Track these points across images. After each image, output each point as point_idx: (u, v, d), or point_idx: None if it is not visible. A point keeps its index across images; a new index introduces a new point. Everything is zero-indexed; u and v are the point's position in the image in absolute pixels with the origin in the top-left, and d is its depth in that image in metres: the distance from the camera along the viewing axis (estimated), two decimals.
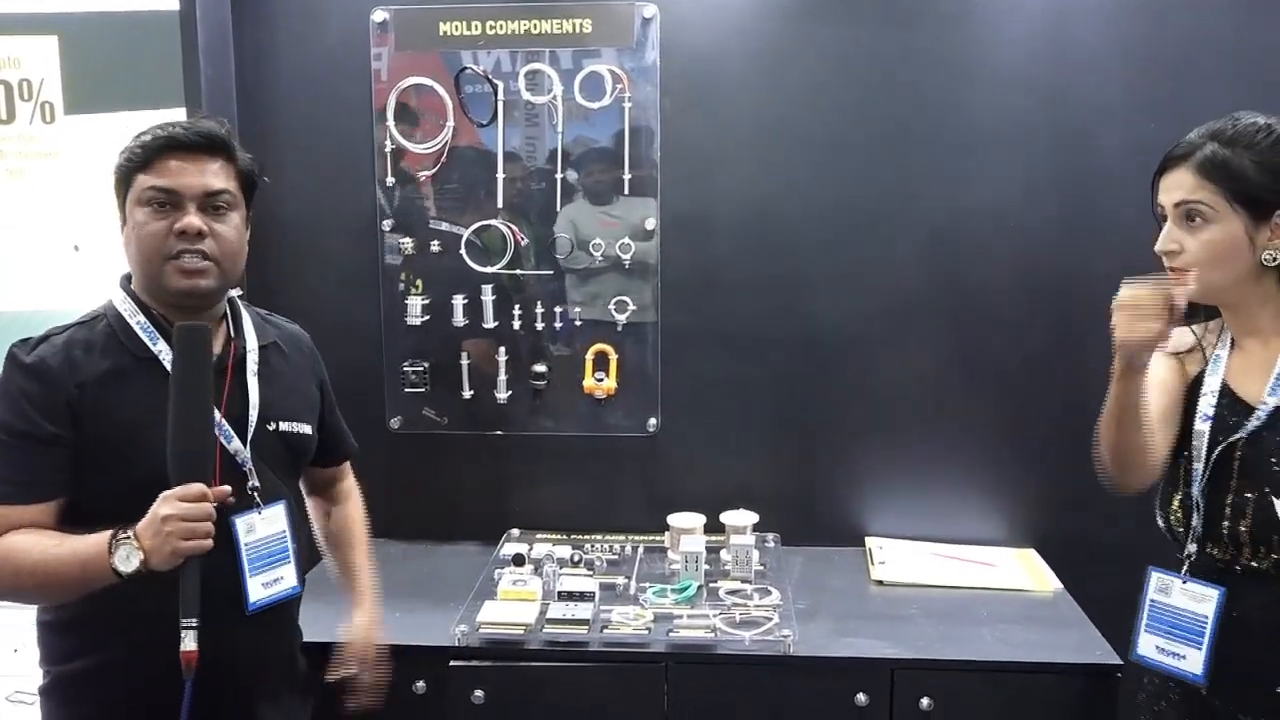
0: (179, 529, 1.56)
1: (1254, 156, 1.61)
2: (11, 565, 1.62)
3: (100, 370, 1.69)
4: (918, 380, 2.67)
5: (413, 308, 2.67)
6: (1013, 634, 2.22)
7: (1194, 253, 1.64)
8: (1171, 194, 1.66)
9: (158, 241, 1.68)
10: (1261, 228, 1.61)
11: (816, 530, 2.71)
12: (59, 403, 1.65)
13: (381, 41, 2.62)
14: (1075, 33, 2.53)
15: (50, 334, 1.73)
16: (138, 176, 1.69)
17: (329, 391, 2.07)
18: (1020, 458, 2.66)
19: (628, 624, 2.19)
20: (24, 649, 2.53)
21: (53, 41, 2.48)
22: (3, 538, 1.63)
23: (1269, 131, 1.62)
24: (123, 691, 1.72)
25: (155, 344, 1.72)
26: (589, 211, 2.66)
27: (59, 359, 1.68)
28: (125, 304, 1.75)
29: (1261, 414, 1.65)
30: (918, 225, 2.61)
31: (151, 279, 1.72)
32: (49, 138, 2.52)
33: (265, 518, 1.78)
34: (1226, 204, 1.61)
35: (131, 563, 1.57)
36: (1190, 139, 1.66)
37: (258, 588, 1.76)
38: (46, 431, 1.65)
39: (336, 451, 2.13)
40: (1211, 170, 1.62)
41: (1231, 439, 1.67)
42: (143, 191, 1.69)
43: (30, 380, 1.66)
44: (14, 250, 2.54)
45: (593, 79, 2.59)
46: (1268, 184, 1.60)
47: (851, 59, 2.58)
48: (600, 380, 2.69)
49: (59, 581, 1.62)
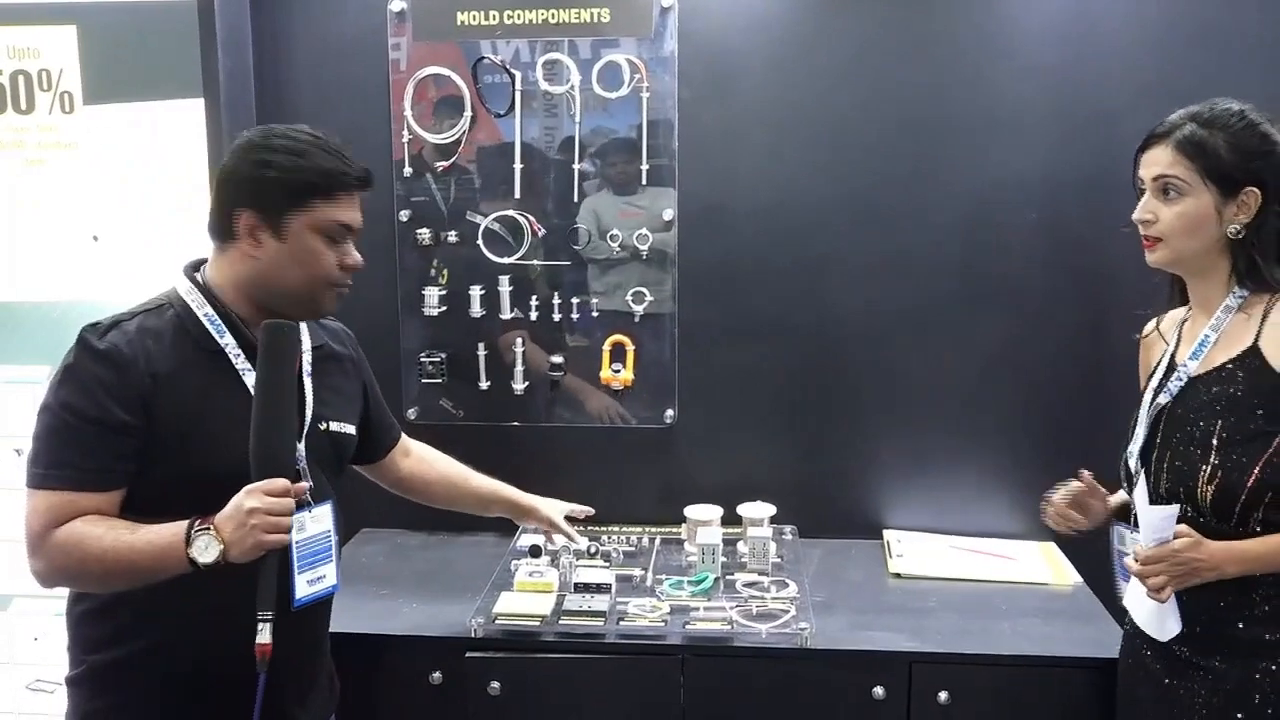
0: (264, 522, 1.57)
1: (1227, 137, 1.75)
2: (80, 551, 1.62)
3: (171, 361, 1.69)
4: (937, 371, 2.65)
5: (430, 298, 2.68)
6: (1032, 627, 2.21)
7: (1167, 223, 1.77)
8: (1150, 168, 1.80)
9: (330, 271, 1.76)
10: (1229, 203, 1.75)
11: (834, 523, 2.71)
12: (132, 391, 1.65)
13: (399, 31, 2.62)
14: (1098, 17, 2.51)
15: (119, 320, 1.72)
16: (317, 203, 1.72)
17: (374, 387, 2.11)
18: (1040, 450, 2.64)
19: (644, 616, 2.19)
20: (44, 637, 2.55)
21: (71, 31, 2.48)
22: (71, 523, 1.63)
23: (1241, 116, 1.77)
24: (153, 683, 1.73)
25: (222, 337, 1.73)
26: (612, 202, 2.65)
27: (134, 347, 1.67)
28: (192, 294, 1.76)
29: (1182, 375, 1.81)
30: (938, 215, 2.59)
31: (304, 297, 1.77)
32: (68, 128, 2.52)
33: (315, 516, 1.79)
34: (1200, 179, 1.75)
35: (210, 554, 1.58)
36: (1171, 119, 1.80)
37: (303, 585, 1.77)
38: (119, 419, 1.64)
39: (390, 438, 2.19)
40: (1189, 147, 1.75)
41: (1162, 402, 1.82)
42: (328, 223, 1.73)
43: (104, 366, 1.65)
44: (33, 240, 2.55)
45: (610, 69, 2.58)
46: (1237, 162, 1.74)
47: (869, 47, 2.56)
48: (617, 371, 2.68)
49: (129, 569, 1.62)
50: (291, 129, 1.77)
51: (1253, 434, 1.70)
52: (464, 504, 2.30)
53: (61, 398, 1.66)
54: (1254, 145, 1.74)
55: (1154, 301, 1.99)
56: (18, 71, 2.50)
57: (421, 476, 2.25)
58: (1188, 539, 1.70)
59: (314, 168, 1.72)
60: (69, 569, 1.66)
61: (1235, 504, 1.71)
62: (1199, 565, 1.70)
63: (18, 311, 2.52)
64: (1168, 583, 1.72)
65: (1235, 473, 1.70)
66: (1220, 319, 1.78)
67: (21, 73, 2.51)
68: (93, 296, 2.43)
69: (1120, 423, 1.94)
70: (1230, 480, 1.70)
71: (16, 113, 2.52)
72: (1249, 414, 1.71)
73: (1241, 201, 1.74)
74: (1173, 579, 1.71)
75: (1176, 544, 1.70)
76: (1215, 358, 1.78)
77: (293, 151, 1.72)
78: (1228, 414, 1.72)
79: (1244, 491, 1.70)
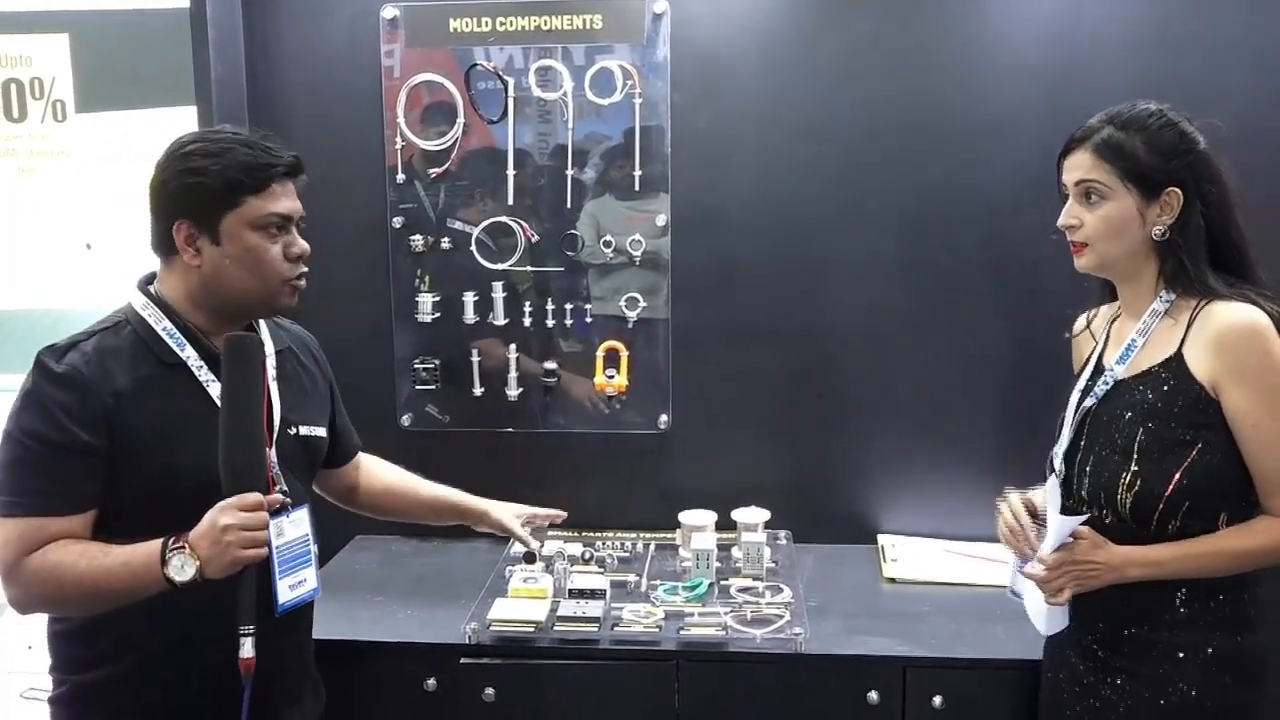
0: (239, 538, 1.57)
1: (1145, 139, 1.74)
2: (56, 577, 1.61)
3: (132, 379, 1.68)
4: (931, 376, 2.65)
5: (423, 305, 2.68)
6: (1026, 631, 2.19)
7: (1091, 227, 1.77)
8: (1072, 173, 1.80)
9: (279, 266, 1.74)
10: (1151, 205, 1.74)
11: (828, 527, 2.71)
12: (94, 412, 1.64)
13: (392, 38, 2.62)
14: (1090, 22, 2.51)
15: (77, 340, 1.70)
16: (248, 199, 1.70)
17: (337, 393, 2.09)
18: (1034, 453, 2.63)
19: (639, 622, 2.19)
20: (37, 646, 2.54)
21: (64, 40, 2.48)
22: (45, 549, 1.62)
23: (1160, 116, 1.76)
24: (140, 701, 1.72)
25: (183, 350, 1.72)
26: (613, 207, 2.65)
27: (92, 368, 1.66)
28: (148, 309, 1.74)
29: (1109, 379, 1.81)
30: (928, 221, 2.60)
31: (260, 299, 1.76)
32: (60, 136, 2.52)
33: (292, 521, 1.78)
34: (1120, 182, 1.74)
35: (187, 572, 1.57)
36: (1090, 123, 1.79)
37: (285, 590, 1.77)
38: (82, 441, 1.63)
39: (347, 450, 2.15)
40: (1106, 151, 1.75)
41: (1088, 405, 1.83)
42: (261, 217, 1.71)
43: (63, 389, 1.64)
44: (26, 248, 2.55)
45: (603, 75, 2.58)
46: (1156, 164, 1.73)
47: (860, 53, 2.57)
48: (611, 377, 2.68)
49: (107, 592, 1.62)
50: (211, 131, 1.77)
51: (1173, 442, 1.70)
52: (414, 513, 2.27)
53: (23, 424, 1.65)
54: (1172, 145, 1.73)
55: None
56: (10, 80, 2.51)
57: (368, 488, 2.21)
58: (1087, 541, 1.71)
59: (236, 164, 1.70)
60: (45, 596, 1.65)
61: (1154, 511, 1.71)
62: (1098, 569, 1.71)
63: (11, 319, 2.52)
64: (1067, 586, 1.74)
65: (1155, 480, 1.70)
66: (1147, 323, 1.77)
67: (14, 81, 2.51)
68: (86, 304, 2.43)
69: None
70: (1149, 487, 1.70)
71: (9, 121, 2.52)
72: (1170, 421, 1.71)
73: (1164, 203, 1.73)
74: (1072, 582, 1.73)
75: (1077, 546, 1.72)
76: (1141, 362, 1.77)
77: (212, 154, 1.70)
78: (1150, 420, 1.72)
79: (1161, 500, 1.70)
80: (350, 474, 2.19)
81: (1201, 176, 1.73)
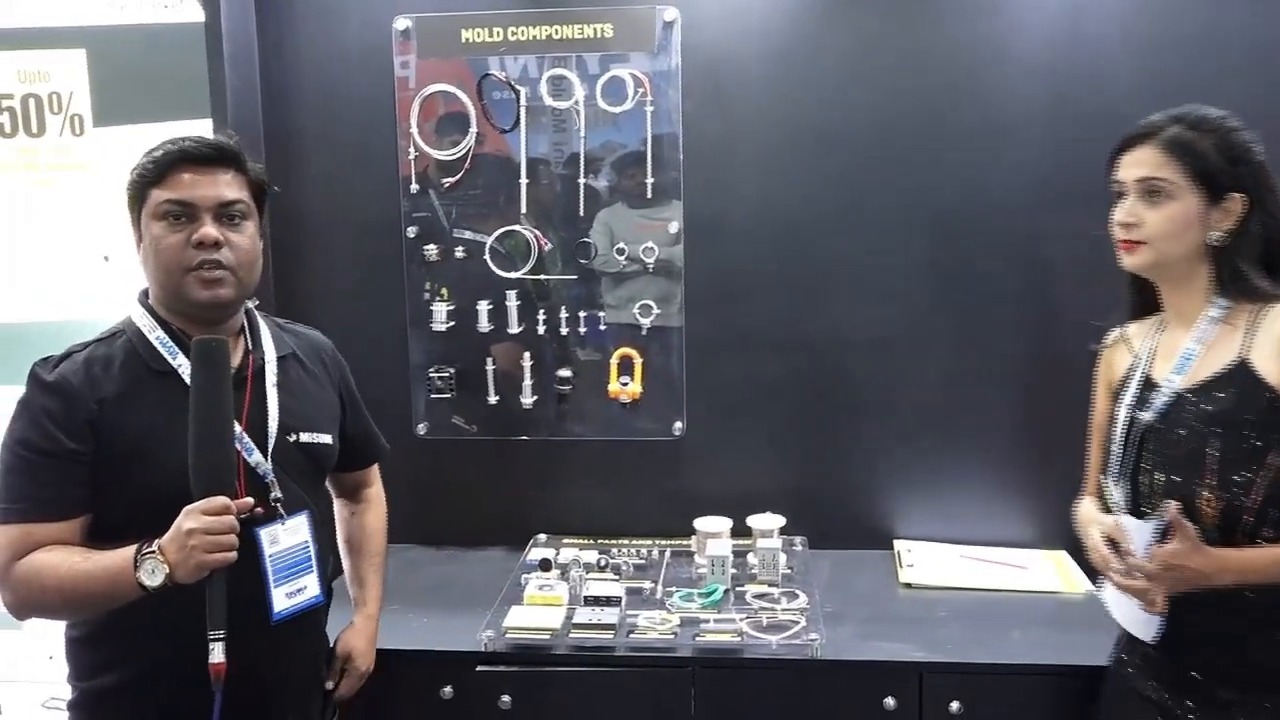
0: (203, 542, 1.56)
1: (1215, 140, 1.71)
2: (39, 582, 1.63)
3: (120, 386, 1.70)
4: (945, 380, 2.65)
5: (438, 314, 2.69)
6: (1043, 637, 2.20)
7: (1153, 226, 1.73)
8: (1134, 169, 1.75)
9: (176, 254, 1.70)
10: (1213, 209, 1.71)
11: (844, 533, 2.70)
12: (79, 419, 1.66)
13: (404, 49, 2.64)
14: (1094, 27, 2.51)
15: (71, 351, 1.74)
16: (151, 191, 1.70)
17: (353, 397, 2.07)
18: (1050, 457, 2.63)
19: (654, 628, 2.19)
20: (58, 655, 2.56)
21: (81, 55, 2.50)
22: (31, 555, 1.64)
23: (1227, 119, 1.73)
24: (151, 706, 1.73)
25: (175, 358, 1.73)
26: (625, 214, 2.66)
27: (80, 376, 1.69)
28: (144, 319, 1.76)
29: (1167, 391, 1.75)
30: (940, 225, 2.60)
31: (172, 292, 1.73)
32: (78, 149, 2.54)
33: (288, 528, 1.79)
34: (1187, 181, 1.70)
35: (157, 577, 1.58)
36: (1153, 120, 1.76)
37: (281, 598, 1.77)
38: (68, 448, 1.65)
39: (363, 456, 2.13)
40: (1177, 148, 1.71)
41: (1146, 419, 1.77)
42: (158, 205, 1.70)
43: (51, 398, 1.67)
44: (45, 261, 2.57)
45: (615, 83, 2.59)
46: (1223, 167, 1.70)
47: (871, 59, 2.57)
48: (625, 385, 2.69)
49: (86, 597, 1.63)
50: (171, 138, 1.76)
51: (1249, 452, 1.65)
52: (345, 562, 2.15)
53: (15, 433, 1.68)
54: (1240, 149, 1.71)
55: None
56: (29, 95, 2.53)
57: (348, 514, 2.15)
58: (1185, 544, 1.64)
59: (149, 160, 1.72)
60: (31, 600, 1.66)
61: (1239, 524, 1.66)
62: (1191, 574, 1.64)
63: (30, 331, 2.54)
64: (1160, 591, 1.69)
65: (1238, 493, 1.65)
66: (1205, 331, 1.73)
67: (32, 96, 2.53)
68: (104, 316, 2.45)
69: None
70: (1234, 502, 1.65)
71: (28, 135, 2.54)
72: (1243, 431, 1.65)
73: (1226, 208, 1.70)
74: (1167, 587, 1.68)
75: (1172, 549, 1.64)
76: (1200, 372, 1.73)
77: (145, 154, 1.73)
78: (1221, 432, 1.67)
79: (1248, 512, 1.65)
80: (359, 484, 2.16)
81: (1262, 184, 1.71)
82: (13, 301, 2.58)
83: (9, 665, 2.66)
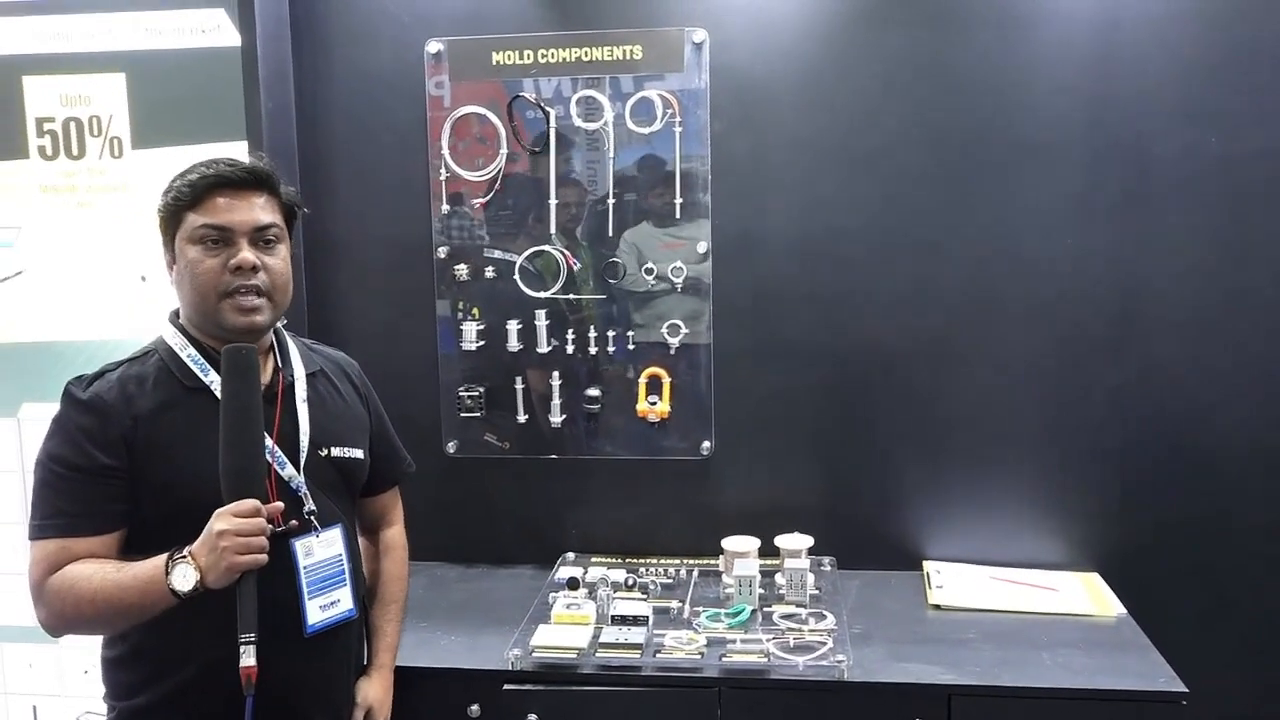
0: (234, 544, 1.58)
1: None
2: (73, 595, 1.66)
3: (153, 402, 1.73)
4: (975, 399, 2.63)
5: (468, 333, 2.71)
6: (1074, 660, 2.18)
7: None
8: None
9: (213, 278, 1.72)
10: None
11: (873, 553, 2.69)
12: (114, 436, 1.69)
13: (436, 71, 2.67)
14: (1128, 44, 2.49)
15: (104, 370, 1.77)
16: (187, 215, 1.73)
17: (380, 415, 2.10)
18: (1083, 479, 2.61)
19: (681, 648, 2.19)
20: (94, 670, 2.59)
21: (120, 79, 2.56)
22: (64, 569, 1.67)
23: None
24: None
25: (206, 375, 1.76)
26: (653, 234, 2.67)
27: (114, 394, 1.72)
28: (175, 338, 1.79)
29: None
30: (971, 241, 2.59)
31: (206, 316, 1.76)
32: (117, 171, 2.59)
33: (323, 540, 1.81)
34: None
35: (188, 581, 1.59)
36: None
37: (315, 610, 1.79)
38: (102, 464, 1.69)
39: (385, 476, 2.14)
40: None
41: None
42: (195, 230, 1.72)
43: (86, 415, 1.70)
44: (84, 281, 2.62)
45: (644, 104, 2.61)
46: None
47: (899, 77, 2.57)
48: (653, 404, 2.69)
49: (121, 607, 1.65)
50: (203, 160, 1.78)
51: None
52: None
53: (50, 450, 1.71)
54: None
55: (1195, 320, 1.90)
56: (70, 118, 2.58)
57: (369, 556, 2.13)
58: None
59: (183, 184, 1.74)
60: (66, 614, 1.69)
61: None
62: None
63: (68, 350, 2.59)
64: None
65: None
66: None
67: (73, 119, 2.59)
68: (140, 335, 2.49)
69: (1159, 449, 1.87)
70: None
71: (69, 158, 2.60)
72: None
73: None
74: None
75: None
76: None
77: (177, 177, 1.76)
78: None
79: None
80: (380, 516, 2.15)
81: None
82: (50, 320, 2.64)
83: (47, 680, 2.70)
